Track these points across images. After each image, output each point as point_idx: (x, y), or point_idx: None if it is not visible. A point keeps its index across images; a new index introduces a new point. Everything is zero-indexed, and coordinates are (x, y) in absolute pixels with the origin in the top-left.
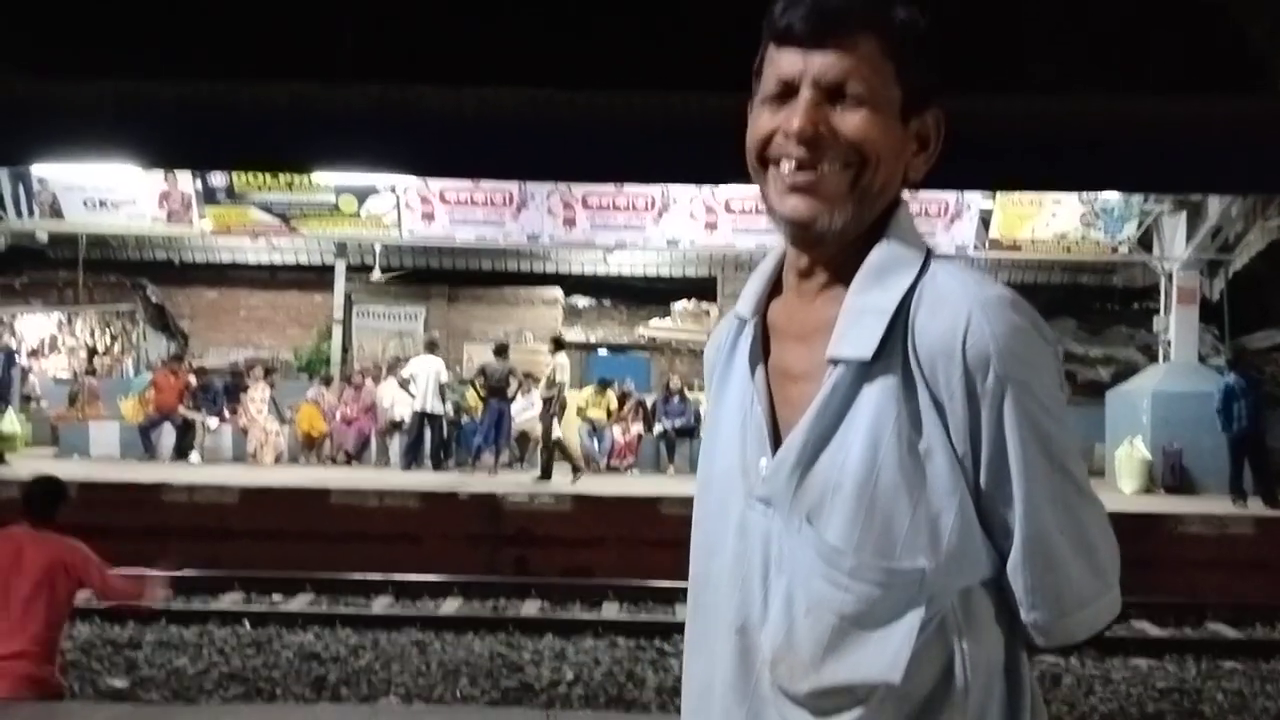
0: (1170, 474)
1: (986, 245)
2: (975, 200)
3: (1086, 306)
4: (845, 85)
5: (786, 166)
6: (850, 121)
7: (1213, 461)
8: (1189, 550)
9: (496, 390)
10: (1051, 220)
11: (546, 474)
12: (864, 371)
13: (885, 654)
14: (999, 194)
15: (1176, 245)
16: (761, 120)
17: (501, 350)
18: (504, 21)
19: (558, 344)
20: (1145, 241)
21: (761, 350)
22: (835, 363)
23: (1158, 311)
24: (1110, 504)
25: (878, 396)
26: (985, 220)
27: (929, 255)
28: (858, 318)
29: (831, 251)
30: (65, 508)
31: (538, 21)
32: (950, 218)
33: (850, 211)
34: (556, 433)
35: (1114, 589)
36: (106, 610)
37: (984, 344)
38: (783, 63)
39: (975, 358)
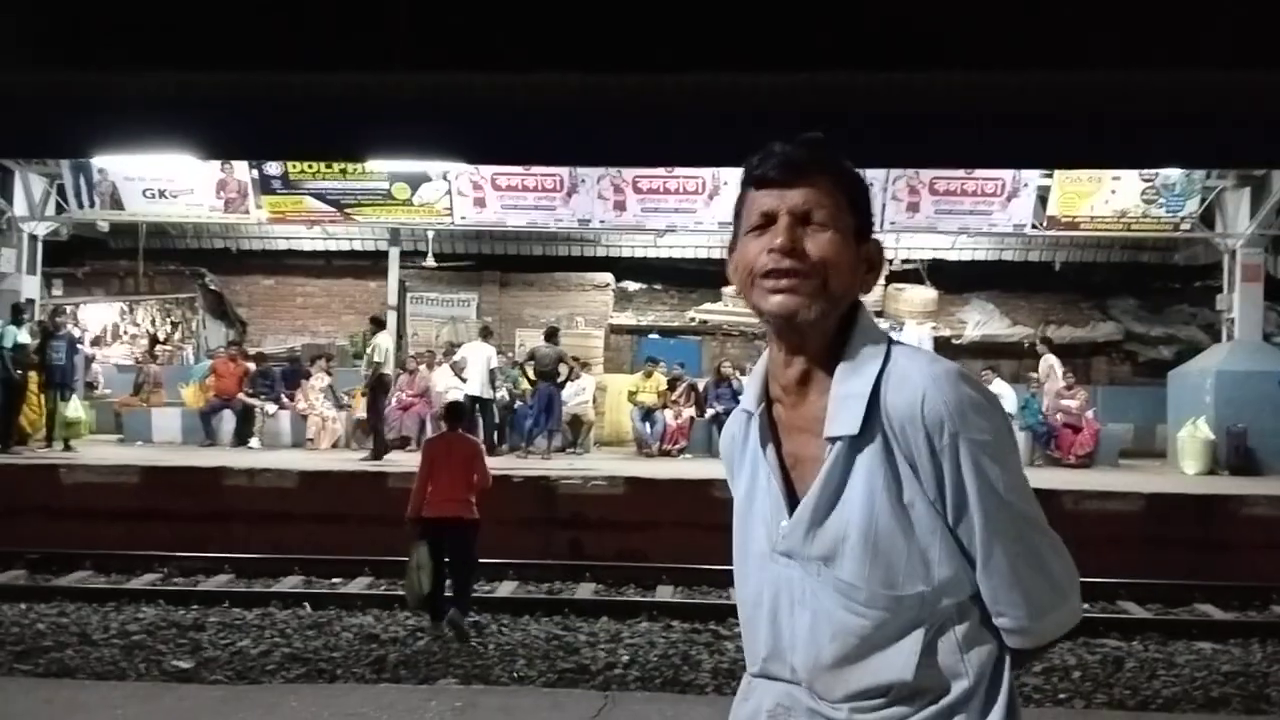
0: (1234, 455)
1: (1044, 223)
2: (1033, 178)
3: (1147, 285)
4: (812, 213)
5: (772, 276)
6: (817, 240)
7: (1278, 442)
8: (1254, 533)
9: (545, 374)
10: (1111, 197)
11: (377, 455)
12: (855, 444)
13: (899, 660)
14: (1057, 171)
15: (1240, 221)
16: (749, 247)
17: (551, 335)
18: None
19: (377, 323)
20: (1208, 218)
21: (771, 435)
22: (832, 440)
23: (1220, 289)
24: (1173, 486)
25: (867, 462)
26: (1043, 198)
27: (890, 344)
28: (843, 403)
29: (811, 344)
30: (468, 421)
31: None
32: (1007, 196)
33: (821, 307)
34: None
35: (1070, 600)
36: (171, 594)
37: (937, 409)
38: (762, 201)
39: (932, 422)
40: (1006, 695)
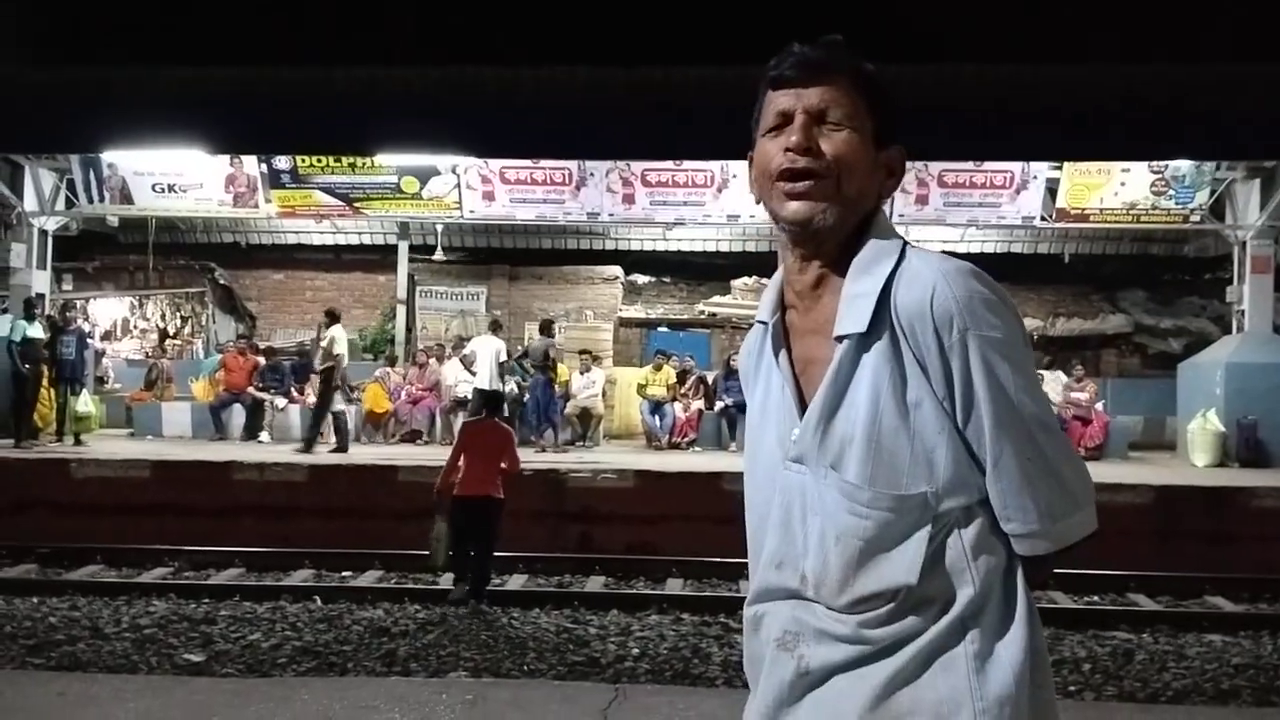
0: (1245, 447)
1: (1053, 215)
2: (1041, 170)
3: (1157, 277)
4: (828, 112)
5: (787, 177)
6: (833, 139)
7: None
8: (1264, 525)
9: (537, 367)
10: (1120, 189)
11: (342, 447)
12: (862, 344)
13: (903, 563)
14: (1066, 163)
15: (1250, 213)
16: (766, 148)
17: (545, 327)
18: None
19: (331, 316)
20: (1217, 210)
21: (784, 343)
22: (840, 340)
23: (1230, 281)
24: (1183, 478)
25: (874, 362)
26: (1052, 190)
27: (905, 246)
28: (853, 302)
29: (826, 249)
30: (501, 409)
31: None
32: (1016, 188)
33: (837, 212)
34: (338, 405)
35: (1084, 509)
36: (182, 587)
37: (948, 305)
38: (779, 101)
39: (941, 317)
40: (1025, 610)
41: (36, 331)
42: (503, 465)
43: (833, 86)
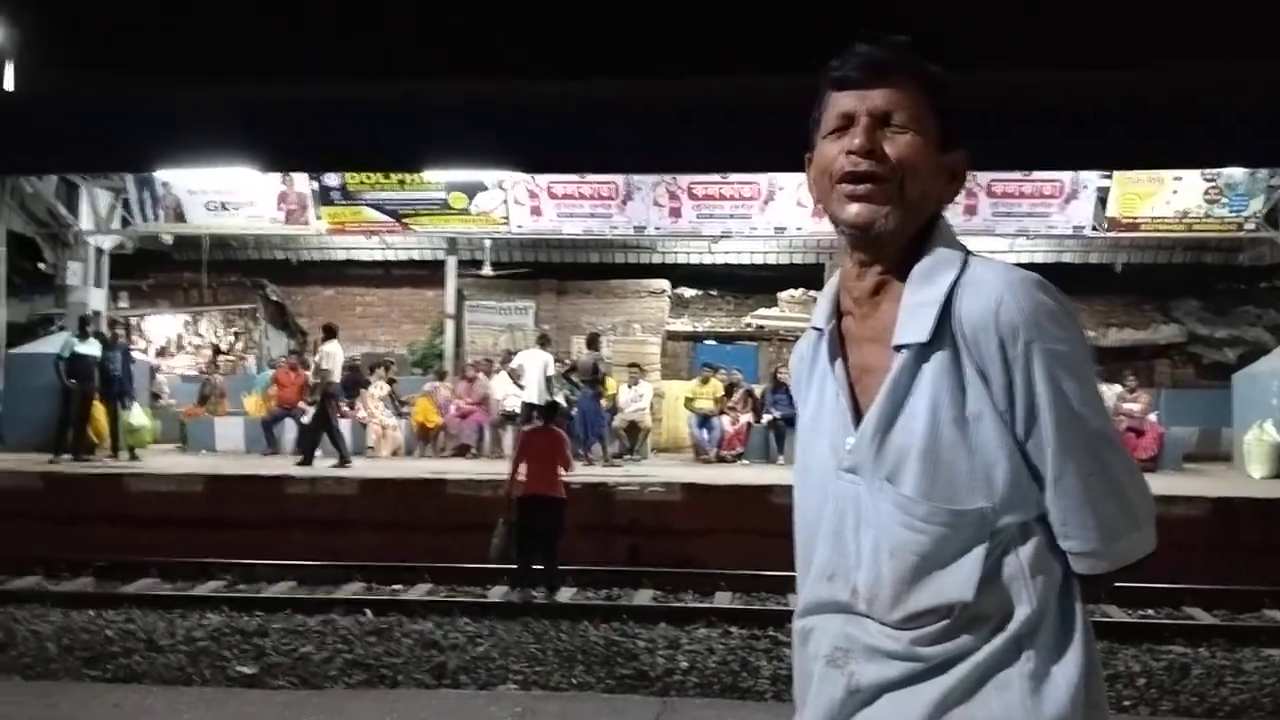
0: None
1: (1104, 225)
2: (1092, 179)
3: (1210, 286)
4: (892, 115)
5: (849, 179)
6: (897, 142)
7: None
8: None
9: (586, 381)
10: (1172, 198)
11: (344, 461)
12: (922, 353)
13: (958, 579)
14: (1116, 172)
15: None
16: (827, 150)
17: (592, 341)
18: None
19: (328, 331)
20: (1272, 218)
21: (840, 351)
22: (899, 349)
23: None
24: (1239, 490)
25: (934, 372)
26: (1103, 199)
27: (968, 254)
28: (914, 310)
29: (887, 255)
30: (561, 416)
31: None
32: (1066, 197)
33: (899, 216)
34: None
35: (1144, 527)
36: (235, 600)
37: (1013, 316)
38: (842, 102)
39: (1006, 328)
40: (1081, 630)
41: (86, 348)
42: (559, 467)
43: (897, 88)
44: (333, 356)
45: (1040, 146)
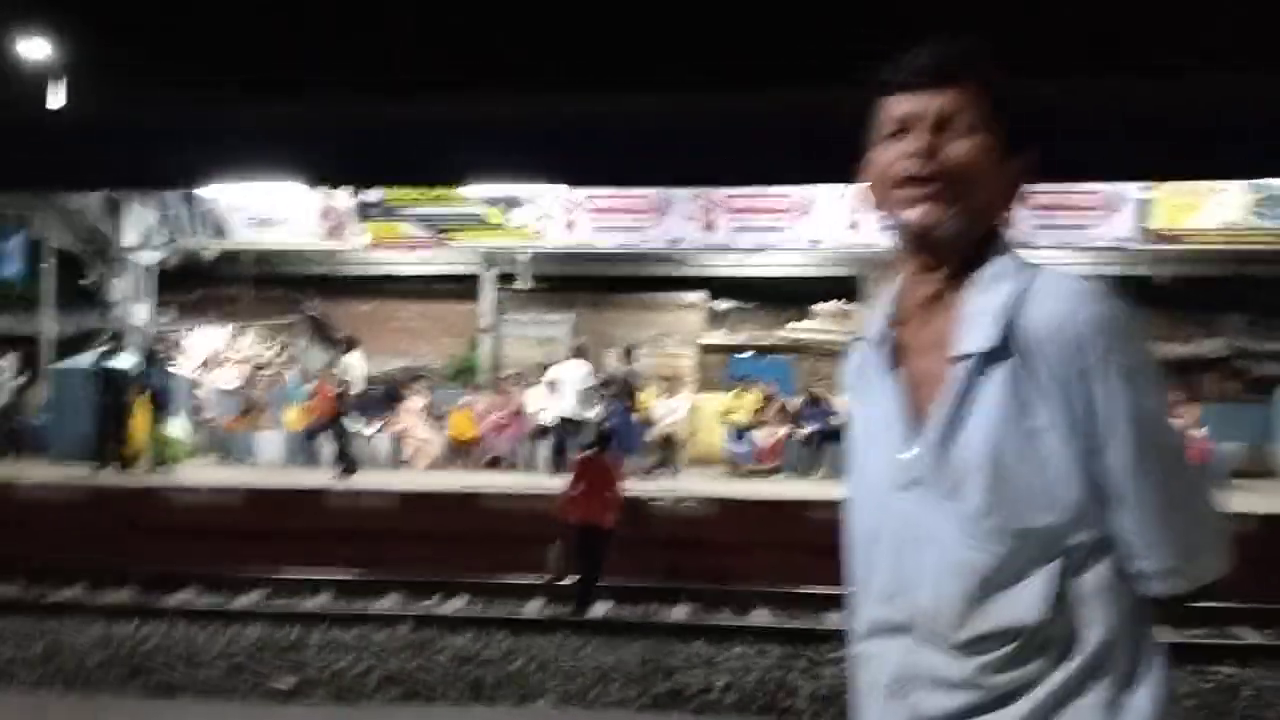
0: None
1: (1146, 238)
2: (1133, 191)
3: (1255, 300)
4: (952, 119)
5: (908, 184)
6: (958, 147)
7: None
8: None
9: (620, 394)
10: (1216, 210)
11: (350, 469)
12: (984, 364)
13: (1023, 601)
14: (1158, 184)
15: None
16: (884, 154)
17: (627, 354)
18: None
19: (349, 343)
20: None
21: (896, 360)
22: (960, 358)
23: None
24: None
25: (997, 383)
26: (1144, 211)
27: (1031, 264)
28: (975, 318)
29: (947, 261)
30: (612, 444)
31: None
32: (1107, 210)
33: (961, 221)
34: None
35: (1218, 544)
36: (273, 614)
37: (1083, 326)
38: (898, 106)
39: (1076, 339)
40: (1156, 655)
41: (123, 362)
42: (608, 494)
43: (959, 91)
44: (353, 368)
45: (1084, 156)
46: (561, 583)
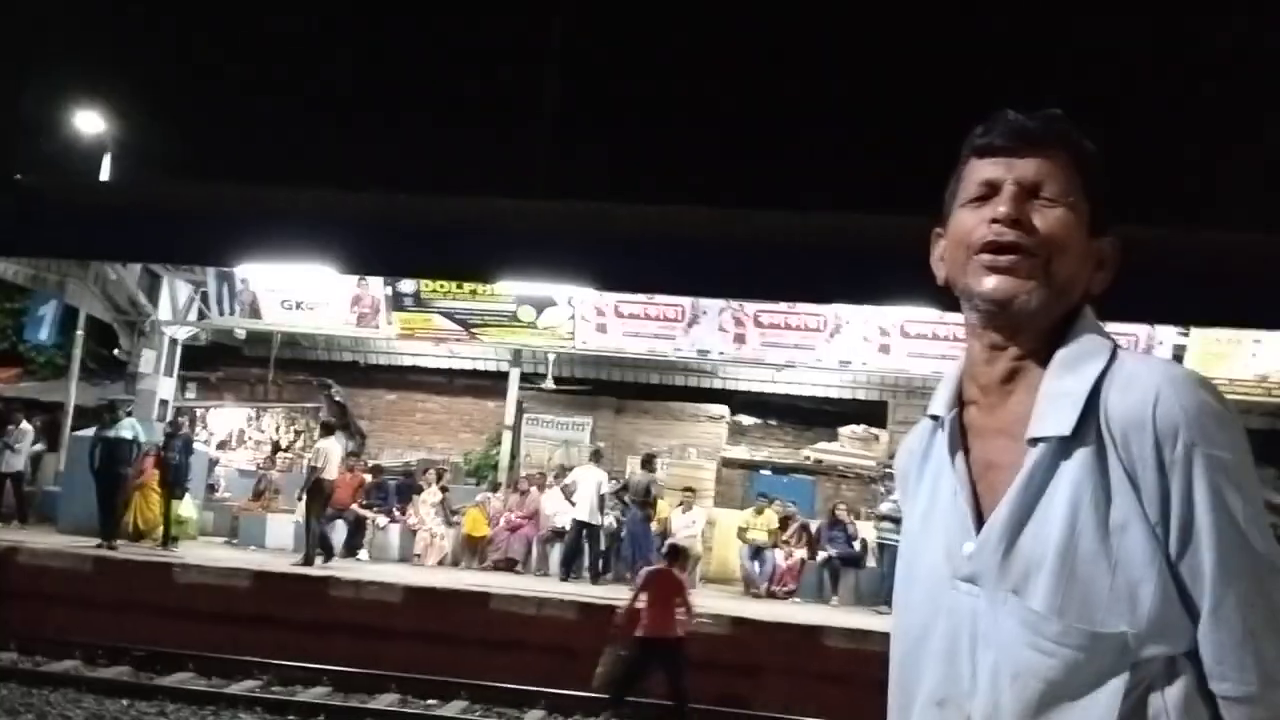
0: None
1: None
2: (1168, 336)
3: None
4: (1042, 186)
5: (990, 250)
6: (1046, 216)
7: None
8: None
9: (638, 502)
10: (1251, 360)
11: (309, 560)
12: (1062, 450)
13: (1092, 715)
14: (1194, 330)
15: None
16: (965, 219)
17: (647, 462)
18: (685, 143)
19: (325, 429)
20: None
21: (961, 443)
22: (1035, 442)
23: None
24: None
25: (1075, 472)
26: (1179, 357)
27: (1116, 346)
28: (1054, 401)
29: (1024, 338)
30: (684, 560)
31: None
32: (1142, 352)
33: (1043, 295)
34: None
35: None
36: (269, 702)
37: (1173, 415)
38: (986, 170)
39: (1165, 428)
40: None
41: (124, 431)
42: (679, 607)
43: (1049, 160)
44: (326, 453)
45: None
46: (606, 697)
